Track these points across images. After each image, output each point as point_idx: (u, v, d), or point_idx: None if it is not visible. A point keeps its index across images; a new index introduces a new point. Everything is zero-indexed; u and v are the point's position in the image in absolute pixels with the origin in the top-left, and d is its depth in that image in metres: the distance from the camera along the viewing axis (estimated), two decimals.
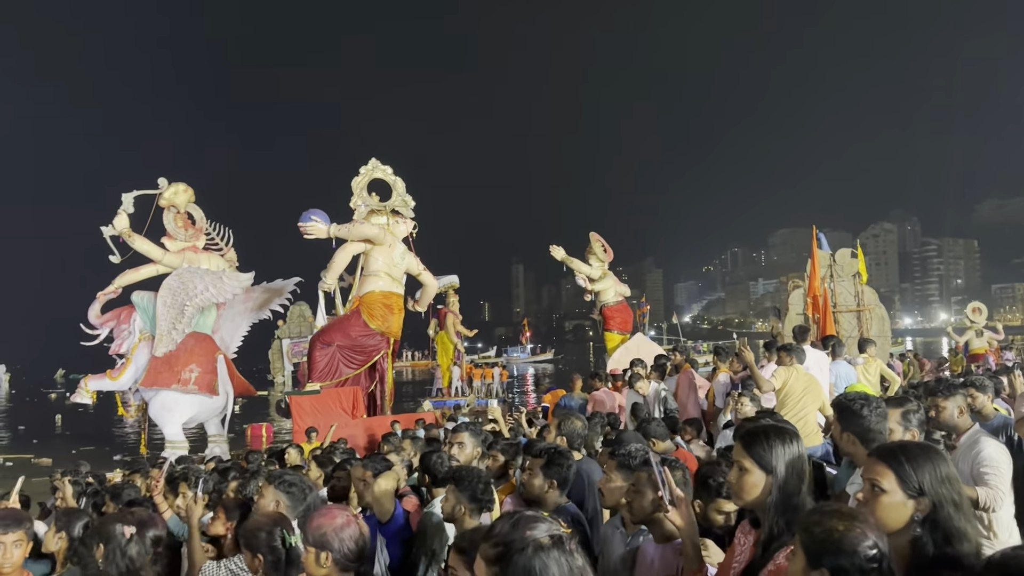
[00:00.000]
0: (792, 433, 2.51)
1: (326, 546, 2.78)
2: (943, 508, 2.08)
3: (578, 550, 1.69)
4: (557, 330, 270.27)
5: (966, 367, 19.10)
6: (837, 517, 1.92)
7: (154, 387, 14.75)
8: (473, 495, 3.66)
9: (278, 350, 41.02)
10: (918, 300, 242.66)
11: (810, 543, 1.90)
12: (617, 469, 3.61)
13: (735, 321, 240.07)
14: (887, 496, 2.13)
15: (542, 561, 1.63)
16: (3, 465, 19.71)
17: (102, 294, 15.52)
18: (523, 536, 1.67)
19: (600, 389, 11.38)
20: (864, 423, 3.41)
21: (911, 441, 3.08)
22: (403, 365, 71.26)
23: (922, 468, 2.12)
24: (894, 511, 2.12)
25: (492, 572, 1.69)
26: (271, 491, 3.88)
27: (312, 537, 2.82)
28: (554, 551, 1.65)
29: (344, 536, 2.80)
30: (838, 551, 1.85)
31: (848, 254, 17.85)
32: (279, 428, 22.02)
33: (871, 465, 2.22)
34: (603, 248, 21.41)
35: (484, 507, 3.71)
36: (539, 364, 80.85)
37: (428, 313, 22.97)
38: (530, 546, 1.65)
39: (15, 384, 61.88)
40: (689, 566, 2.70)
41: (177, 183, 15.79)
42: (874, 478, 2.17)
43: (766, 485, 2.41)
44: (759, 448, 2.44)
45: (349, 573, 2.83)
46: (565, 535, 1.69)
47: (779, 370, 7.39)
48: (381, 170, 17.41)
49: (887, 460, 2.18)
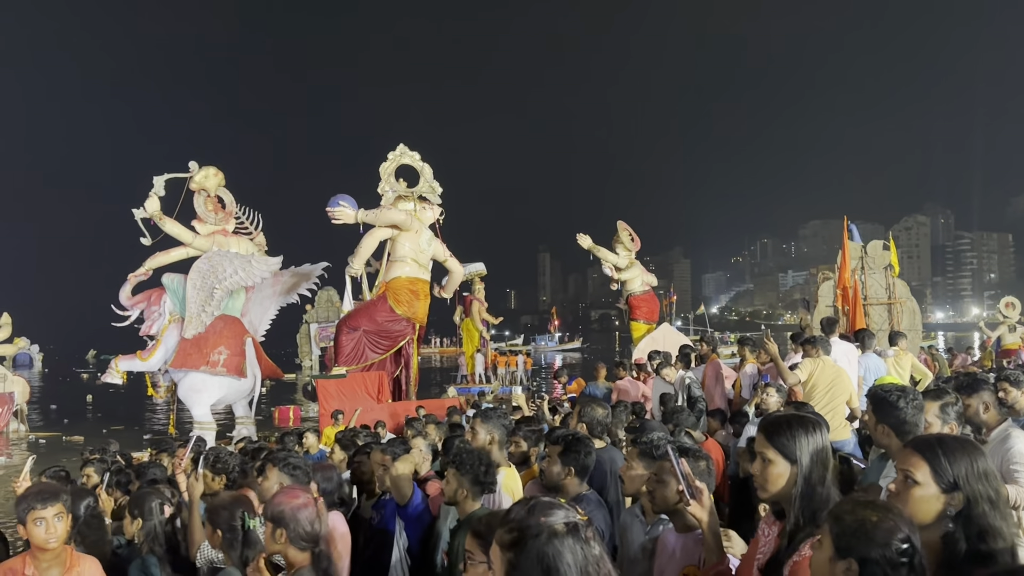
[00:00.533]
0: (815, 423, 2.46)
1: (282, 523, 2.95)
2: (978, 504, 2.02)
3: (595, 538, 1.66)
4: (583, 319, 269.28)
5: (998, 362, 18.78)
6: (871, 508, 1.88)
7: (183, 368, 14.92)
8: (475, 478, 3.65)
9: (306, 334, 41.39)
10: (950, 294, 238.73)
11: (841, 532, 1.86)
12: (639, 457, 3.57)
13: (763, 313, 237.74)
14: (920, 488, 2.08)
15: (556, 548, 1.61)
16: (36, 443, 20.12)
17: (133, 276, 15.69)
18: (538, 522, 1.64)
19: (624, 378, 11.33)
20: (900, 415, 3.35)
21: (949, 434, 3.01)
22: (431, 352, 71.63)
23: (958, 462, 2.07)
24: (926, 504, 2.06)
25: (507, 557, 1.66)
26: (275, 473, 3.90)
27: (271, 514, 3.00)
28: (569, 538, 1.62)
29: (301, 516, 2.95)
30: (870, 542, 1.81)
31: (880, 246, 17.58)
32: (306, 411, 22.21)
33: (906, 456, 2.17)
34: (630, 237, 21.27)
35: (486, 489, 3.70)
36: (567, 353, 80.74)
37: (454, 300, 23.01)
38: (545, 532, 1.62)
39: (48, 363, 63.05)
40: (711, 557, 2.66)
41: (207, 167, 15.91)
42: (908, 469, 2.12)
43: (791, 476, 2.36)
44: (782, 438, 2.40)
45: (304, 552, 2.97)
46: (581, 523, 1.66)
47: (804, 362, 7.30)
48: (409, 156, 17.41)
49: (922, 452, 2.13)
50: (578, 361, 57.48)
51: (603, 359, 16.96)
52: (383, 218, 16.15)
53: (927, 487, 2.07)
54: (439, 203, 17.27)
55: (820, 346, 7.43)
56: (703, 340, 12.21)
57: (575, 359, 63.33)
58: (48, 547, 3.27)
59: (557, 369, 22.01)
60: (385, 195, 17.06)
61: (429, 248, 16.69)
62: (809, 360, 7.28)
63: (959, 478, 2.05)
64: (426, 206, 17.02)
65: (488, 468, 3.71)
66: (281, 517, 2.97)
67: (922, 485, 2.08)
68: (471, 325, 29.92)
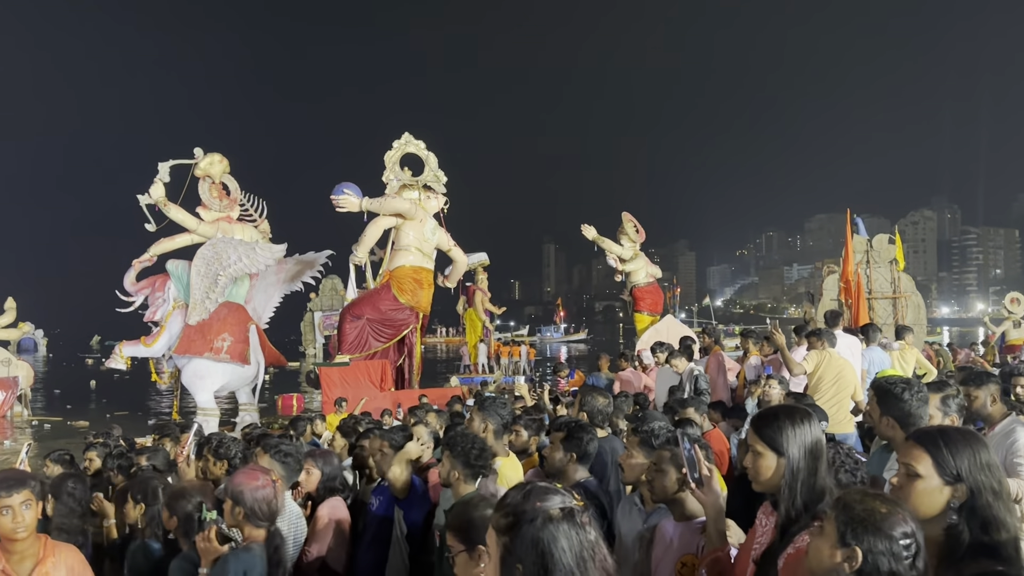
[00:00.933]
0: (805, 414, 2.44)
1: (239, 501, 3.19)
2: (981, 495, 2.01)
3: (591, 523, 1.66)
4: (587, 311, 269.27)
5: (1001, 358, 18.72)
6: (880, 500, 1.88)
7: (187, 355, 14.94)
8: (466, 460, 3.65)
9: (310, 322, 41.45)
10: (956, 289, 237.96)
11: (848, 520, 1.85)
12: (639, 446, 3.57)
13: (768, 306, 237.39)
14: (922, 481, 2.06)
15: (551, 533, 1.60)
16: (41, 428, 20.21)
17: (137, 262, 15.70)
18: (534, 507, 1.64)
19: (627, 369, 11.31)
20: (905, 407, 3.33)
21: (951, 426, 2.99)
22: (437, 341, 71.78)
23: (960, 453, 2.05)
24: (929, 497, 2.05)
25: (502, 542, 1.66)
26: (266, 460, 3.90)
27: (231, 492, 3.23)
28: (564, 523, 1.62)
29: (258, 496, 3.20)
30: (877, 531, 1.80)
31: (886, 240, 17.53)
32: (310, 399, 22.26)
33: (908, 449, 2.15)
34: (635, 228, 21.23)
35: (478, 473, 3.69)
36: (573, 344, 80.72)
37: (457, 290, 23.00)
38: (540, 517, 1.62)
39: (52, 348, 63.26)
40: (711, 545, 2.66)
41: (212, 153, 15.88)
42: (910, 463, 2.11)
43: (778, 468, 2.35)
44: (770, 431, 2.39)
45: (260, 529, 3.22)
46: (577, 508, 1.65)
47: (811, 354, 7.29)
48: (414, 144, 17.39)
49: (924, 444, 2.11)
50: (584, 353, 57.35)
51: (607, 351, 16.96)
52: (387, 206, 16.14)
53: (930, 480, 2.05)
54: (444, 192, 17.25)
55: (826, 338, 7.40)
56: (705, 332, 12.19)
57: (581, 351, 63.27)
58: (16, 537, 3.03)
59: (557, 364, 21.93)
60: (390, 183, 17.05)
61: (433, 237, 16.69)
62: (815, 352, 7.27)
63: (962, 470, 2.03)
64: (431, 195, 17.01)
65: (481, 452, 3.70)
66: (240, 495, 3.19)
67: (925, 478, 2.06)
68: (474, 315, 29.91)
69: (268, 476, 3.33)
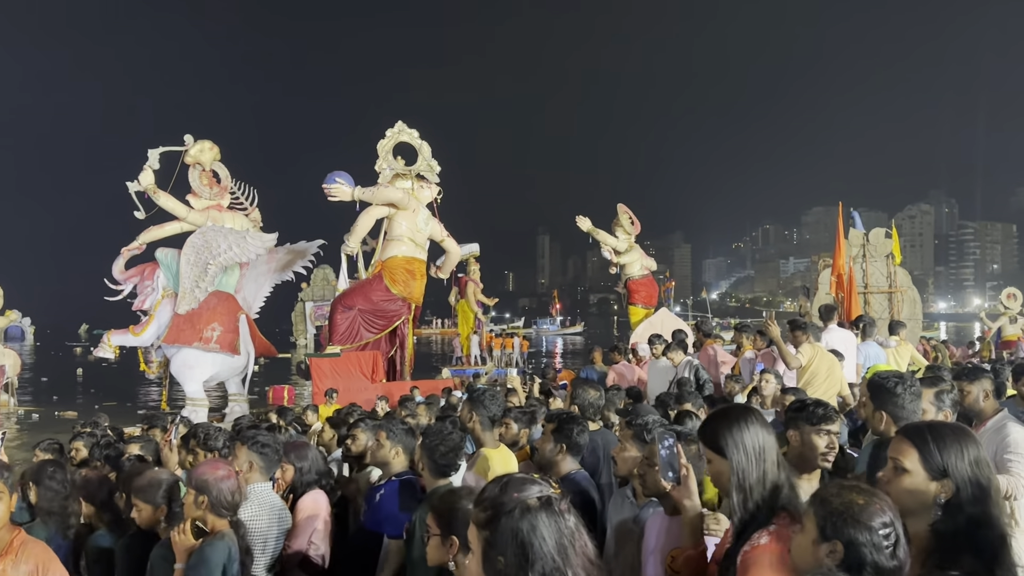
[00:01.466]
0: (743, 412, 2.42)
1: (204, 491, 3.26)
2: (968, 491, 1.98)
3: (570, 511, 1.67)
4: (582, 303, 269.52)
5: (998, 354, 18.71)
6: (857, 491, 1.89)
7: (176, 344, 14.81)
8: (431, 456, 3.65)
9: (301, 312, 41.43)
10: (952, 284, 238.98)
11: (827, 515, 1.86)
12: (632, 439, 3.57)
13: (763, 299, 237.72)
14: (909, 476, 2.04)
15: (530, 523, 1.62)
16: (29, 418, 20.06)
17: (126, 250, 15.55)
18: (512, 498, 1.65)
19: (620, 362, 11.26)
20: (898, 401, 3.33)
21: (940, 421, 2.95)
22: (431, 332, 71.51)
23: (948, 449, 2.02)
24: (915, 492, 2.03)
25: (483, 535, 1.68)
26: (244, 452, 3.83)
27: (195, 482, 3.30)
28: (542, 513, 1.63)
29: (222, 486, 3.28)
30: (856, 523, 1.81)
31: (882, 234, 17.50)
32: (300, 390, 22.15)
33: (895, 444, 2.14)
34: (630, 220, 21.17)
35: (442, 472, 3.67)
36: (568, 337, 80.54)
37: (449, 281, 22.91)
38: (518, 508, 1.63)
39: (40, 337, 62.93)
40: (686, 543, 2.64)
41: (203, 140, 15.72)
42: (897, 457, 2.09)
43: (726, 471, 2.33)
44: (709, 435, 2.40)
45: (224, 519, 3.30)
46: (555, 496, 1.67)
47: (804, 347, 7.30)
48: (407, 133, 17.28)
49: (912, 438, 2.09)
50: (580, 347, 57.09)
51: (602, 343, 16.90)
52: (380, 196, 16.02)
53: (916, 475, 2.04)
54: (437, 181, 17.13)
55: (809, 332, 7.48)
56: (697, 326, 12.13)
57: (577, 343, 63.04)
58: None
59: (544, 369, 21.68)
60: (382, 173, 16.93)
61: (426, 227, 16.59)
62: (808, 346, 7.29)
63: (949, 465, 2.01)
64: (424, 184, 16.89)
65: (448, 452, 3.67)
66: (204, 486, 3.27)
67: (911, 473, 2.04)
68: (466, 306, 29.85)
69: (231, 467, 3.44)
